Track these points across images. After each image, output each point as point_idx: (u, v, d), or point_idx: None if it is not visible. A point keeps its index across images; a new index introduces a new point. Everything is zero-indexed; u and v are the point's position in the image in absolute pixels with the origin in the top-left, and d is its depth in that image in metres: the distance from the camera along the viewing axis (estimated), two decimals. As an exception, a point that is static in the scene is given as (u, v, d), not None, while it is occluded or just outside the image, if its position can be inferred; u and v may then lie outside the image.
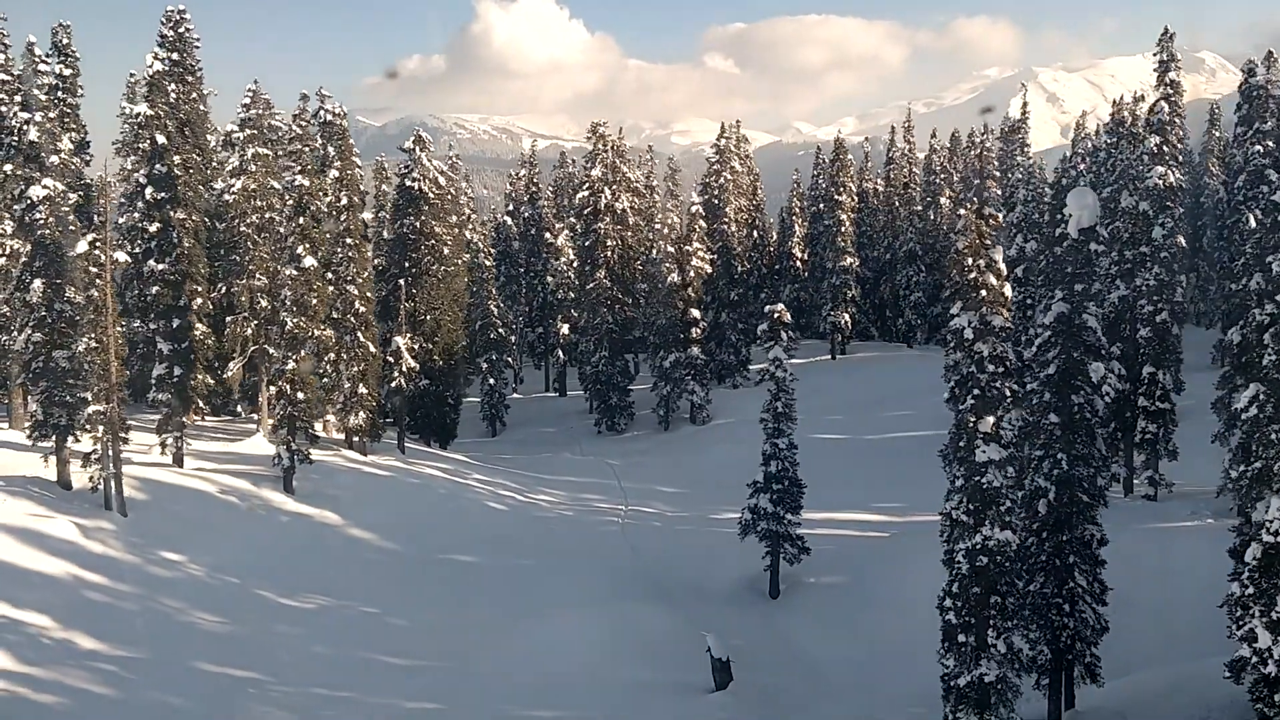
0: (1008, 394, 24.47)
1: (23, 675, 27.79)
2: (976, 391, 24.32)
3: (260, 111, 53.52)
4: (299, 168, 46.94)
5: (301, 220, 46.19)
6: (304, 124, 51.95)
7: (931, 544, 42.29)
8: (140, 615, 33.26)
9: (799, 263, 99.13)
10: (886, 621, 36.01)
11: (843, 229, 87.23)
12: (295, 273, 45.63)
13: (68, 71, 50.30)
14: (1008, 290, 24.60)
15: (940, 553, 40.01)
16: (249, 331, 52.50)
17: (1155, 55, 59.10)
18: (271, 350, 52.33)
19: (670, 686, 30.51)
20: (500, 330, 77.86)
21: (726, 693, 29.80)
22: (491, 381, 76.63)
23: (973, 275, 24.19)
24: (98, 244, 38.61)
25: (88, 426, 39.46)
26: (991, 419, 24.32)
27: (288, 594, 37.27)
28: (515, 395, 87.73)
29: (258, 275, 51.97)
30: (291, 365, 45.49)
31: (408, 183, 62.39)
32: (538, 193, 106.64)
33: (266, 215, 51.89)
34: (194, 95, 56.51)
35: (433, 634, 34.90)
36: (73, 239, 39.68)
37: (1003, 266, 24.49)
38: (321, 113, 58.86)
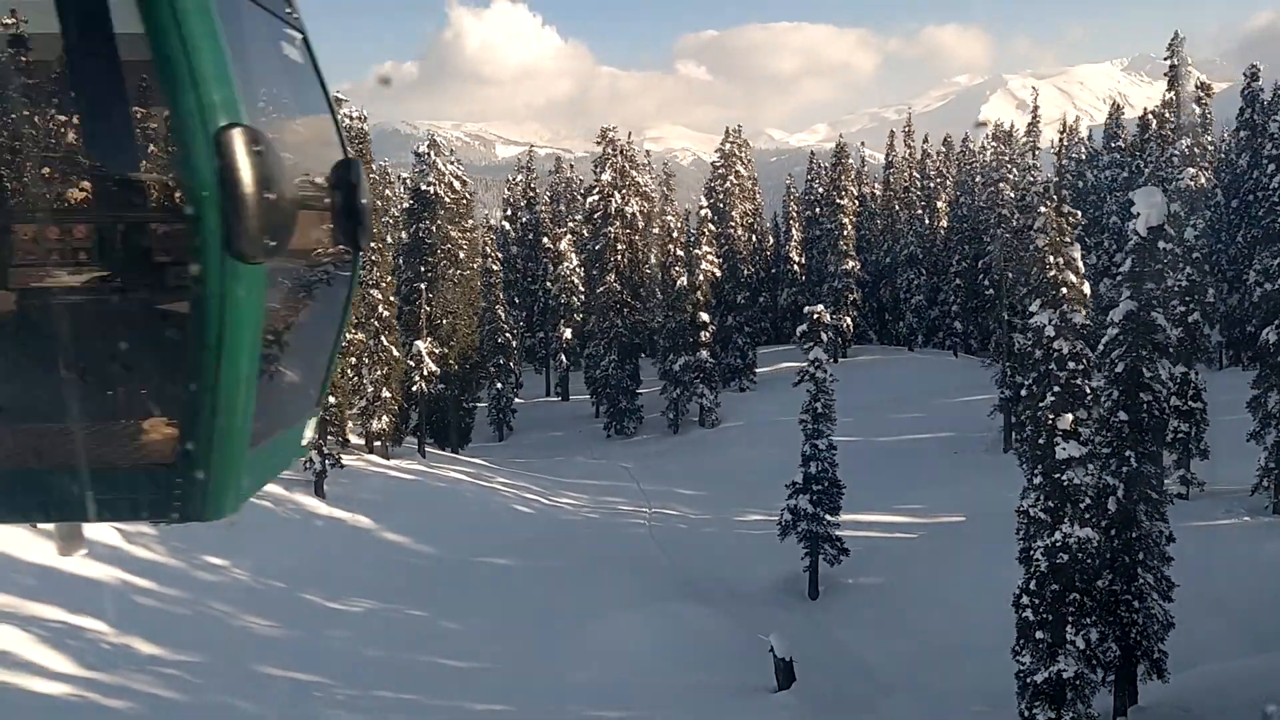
0: (1087, 391, 24.68)
1: (88, 680, 27.58)
2: (1056, 389, 24.51)
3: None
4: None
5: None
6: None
7: (966, 544, 42.96)
8: (192, 620, 33.07)
9: (796, 267, 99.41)
10: (933, 621, 36.16)
11: (845, 232, 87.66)
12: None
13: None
14: (1086, 288, 24.83)
15: (979, 552, 40.67)
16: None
17: (1166, 59, 60.08)
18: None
19: (733, 687, 30.55)
20: (507, 335, 77.82)
21: (790, 693, 29.87)
22: (499, 386, 76.54)
23: (1053, 273, 24.40)
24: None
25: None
26: (1070, 416, 24.51)
27: (333, 598, 37.11)
28: (518, 400, 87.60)
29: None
30: (323, 369, 45.24)
31: (423, 186, 62.28)
32: (535, 198, 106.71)
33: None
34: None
35: (484, 637, 34.80)
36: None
37: (1081, 264, 24.71)
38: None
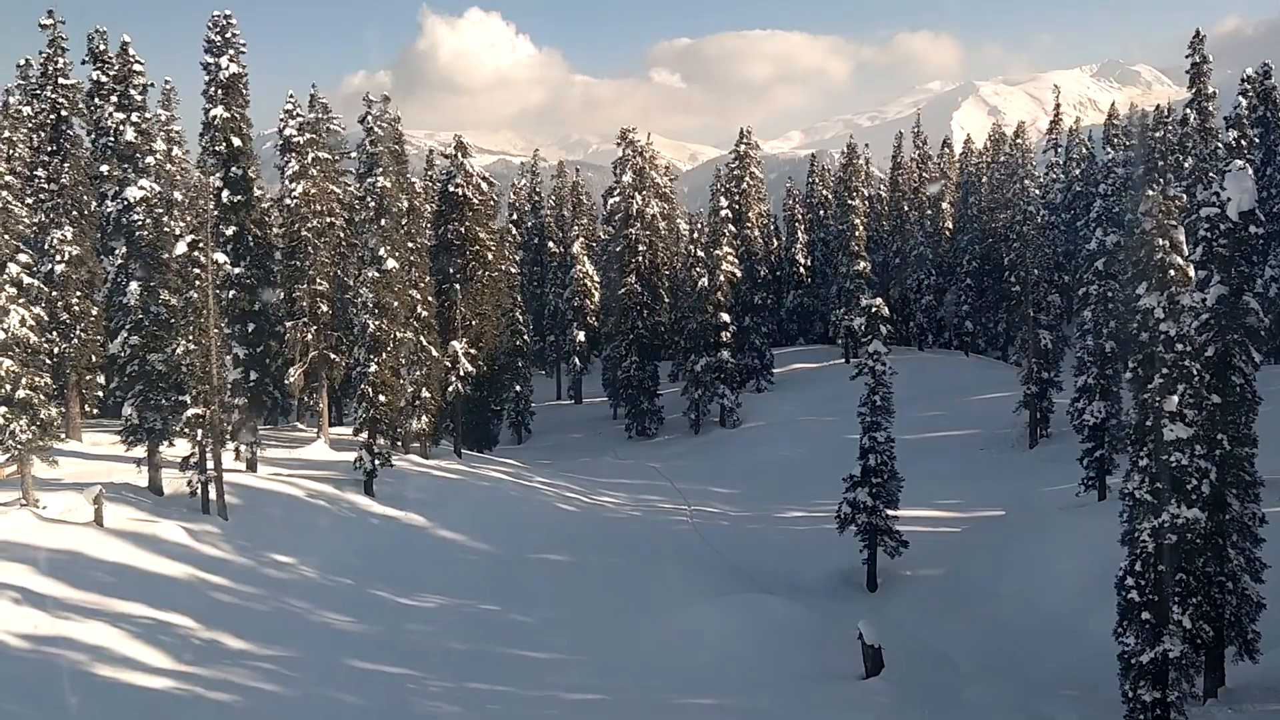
0: (1194, 373, 24.98)
1: (188, 674, 27.49)
2: (1164, 370, 24.79)
3: (319, 115, 53.20)
4: (381, 169, 46.68)
5: (384, 222, 45.92)
6: (384, 126, 51.47)
7: (1012, 537, 43.27)
8: (272, 616, 33.00)
9: (802, 269, 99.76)
10: (1001, 610, 36.43)
11: (856, 233, 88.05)
12: (377, 275, 45.36)
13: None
14: (1191, 271, 25.16)
15: (1027, 544, 41.04)
16: (309, 337, 52.06)
17: (1187, 57, 60.85)
18: (333, 356, 52.11)
19: (821, 674, 30.65)
20: (525, 338, 77.89)
21: (881, 679, 30.00)
22: (518, 388, 76.55)
23: (1159, 256, 24.70)
24: (198, 245, 38.16)
25: (186, 430, 39.00)
26: (1176, 398, 24.80)
27: (402, 594, 37.05)
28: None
29: (319, 280, 51.65)
30: (374, 368, 45.23)
31: (450, 188, 62.08)
32: (540, 202, 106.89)
33: (327, 220, 51.65)
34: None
35: (560, 630, 34.86)
36: (168, 241, 39.23)
37: (1185, 247, 25.04)
38: (368, 119, 58.68)
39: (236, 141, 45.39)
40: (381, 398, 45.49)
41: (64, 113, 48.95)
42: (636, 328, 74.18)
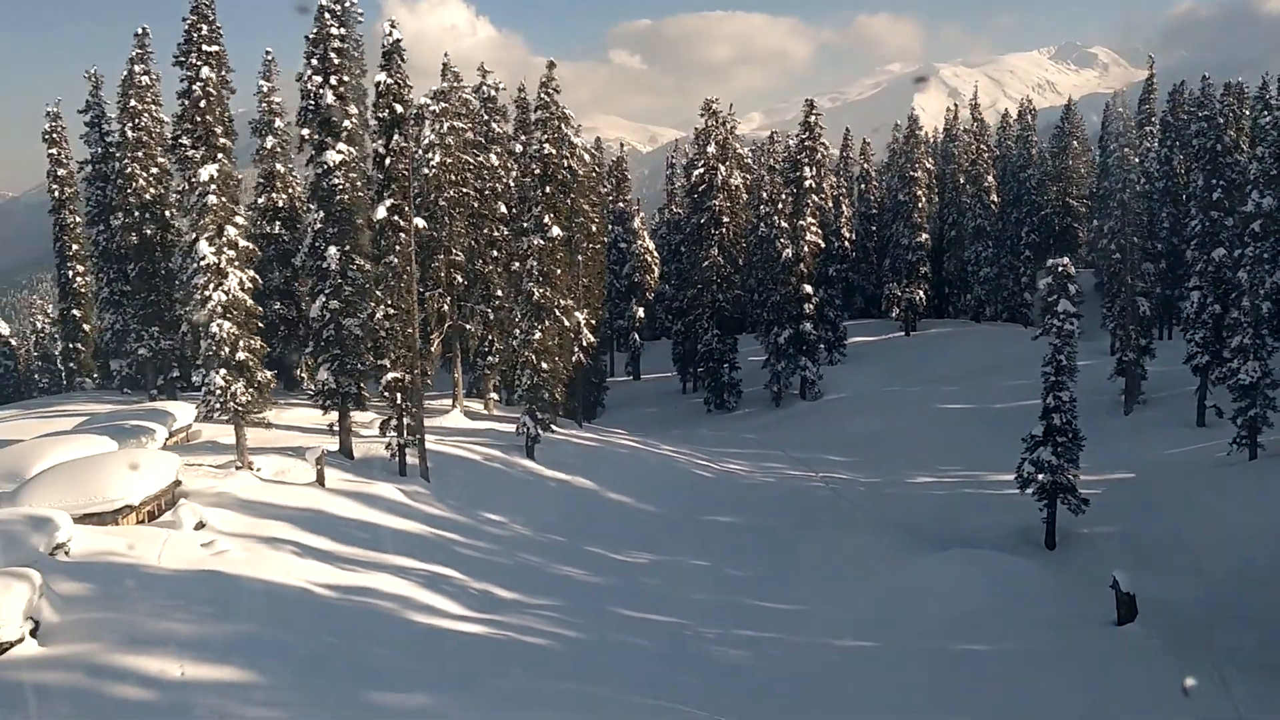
0: None
1: (488, 620, 28.01)
2: None
3: (451, 84, 53.37)
4: (545, 136, 47.05)
5: (548, 189, 46.33)
6: (549, 94, 51.68)
7: (1158, 496, 44.39)
8: (517, 570, 33.60)
9: (847, 243, 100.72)
10: (1203, 561, 37.34)
11: (919, 204, 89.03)
12: (542, 242, 45.79)
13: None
14: None
15: (1178, 503, 42.22)
16: (444, 307, 52.39)
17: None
18: (467, 326, 52.49)
19: (1075, 620, 31.39)
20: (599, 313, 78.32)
21: (1136, 625, 30.91)
22: (592, 363, 76.99)
23: None
24: (399, 209, 38.49)
25: (385, 394, 39.41)
26: None
27: (613, 549, 37.76)
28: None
29: (454, 250, 51.96)
30: (538, 335, 45.71)
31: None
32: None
33: (462, 190, 51.93)
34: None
35: (784, 584, 35.53)
36: (363, 205, 39.54)
37: None
38: (484, 89, 59.06)
39: (398, 109, 45.51)
40: (544, 365, 46.00)
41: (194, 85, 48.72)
42: (717, 300, 74.76)
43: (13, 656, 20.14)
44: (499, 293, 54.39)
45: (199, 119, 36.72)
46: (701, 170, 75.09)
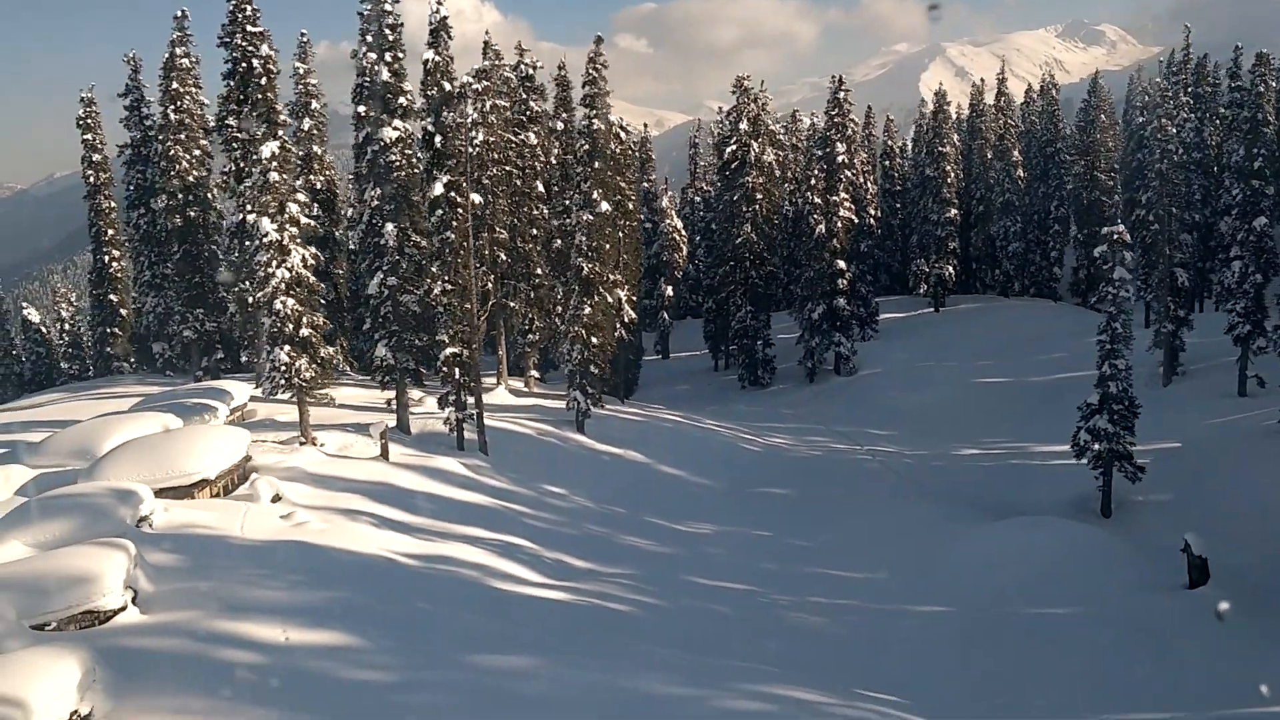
0: None
1: (568, 587, 28.21)
2: None
3: (493, 63, 53.34)
4: (594, 112, 47.08)
5: (597, 164, 46.36)
6: (596, 69, 51.66)
7: (1204, 464, 44.30)
8: (586, 540, 33.82)
9: (872, 220, 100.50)
10: (1263, 528, 37.25)
11: (948, 180, 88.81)
12: (590, 217, 45.83)
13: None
14: None
15: (1225, 472, 42.13)
16: (489, 285, 52.46)
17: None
18: (510, 303, 52.60)
19: (1148, 585, 31.46)
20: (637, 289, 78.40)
21: (1209, 588, 30.98)
22: (633, 339, 77.08)
23: None
24: (456, 185, 38.55)
25: (444, 369, 39.56)
26: None
27: (674, 520, 37.94)
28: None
29: (498, 228, 52.00)
30: (588, 310, 45.80)
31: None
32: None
33: (504, 168, 51.97)
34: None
35: (849, 553, 35.62)
36: (417, 181, 39.60)
37: None
38: (522, 67, 59.03)
39: (446, 86, 45.53)
40: (594, 340, 46.11)
41: (253, 61, 48.85)
42: (750, 277, 74.72)
43: (117, 624, 20.31)
44: (539, 271, 54.48)
45: (261, 96, 36.77)
46: (734, 147, 74.88)
